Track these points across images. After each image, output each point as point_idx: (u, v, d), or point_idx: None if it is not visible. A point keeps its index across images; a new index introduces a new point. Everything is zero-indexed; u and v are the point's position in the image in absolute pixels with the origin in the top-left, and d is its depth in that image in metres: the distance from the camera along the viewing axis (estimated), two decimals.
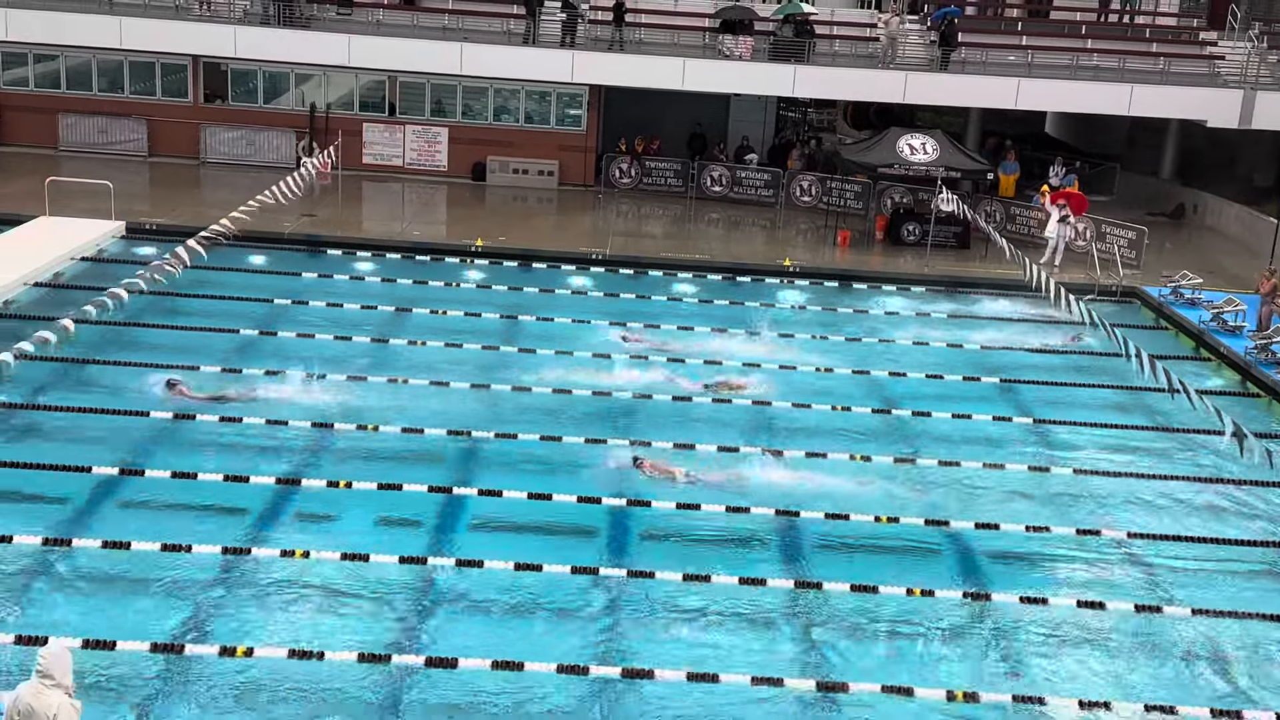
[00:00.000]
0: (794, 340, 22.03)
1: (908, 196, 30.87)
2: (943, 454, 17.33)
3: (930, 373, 20.61)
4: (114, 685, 11.03)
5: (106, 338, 19.09)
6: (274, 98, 33.37)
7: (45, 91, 32.65)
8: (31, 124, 32.22)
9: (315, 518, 14.38)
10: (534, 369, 19.53)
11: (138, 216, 25.93)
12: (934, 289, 26.13)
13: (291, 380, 18.08)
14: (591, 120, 33.37)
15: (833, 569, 13.93)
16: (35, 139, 32.04)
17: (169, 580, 12.76)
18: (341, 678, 11.34)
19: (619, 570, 13.53)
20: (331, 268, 24.37)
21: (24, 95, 32.54)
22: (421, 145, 33.20)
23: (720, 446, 16.92)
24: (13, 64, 32.60)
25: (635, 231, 29.65)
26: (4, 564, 12.77)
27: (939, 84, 32.32)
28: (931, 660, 12.48)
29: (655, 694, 11.47)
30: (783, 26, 33.44)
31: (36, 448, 15.40)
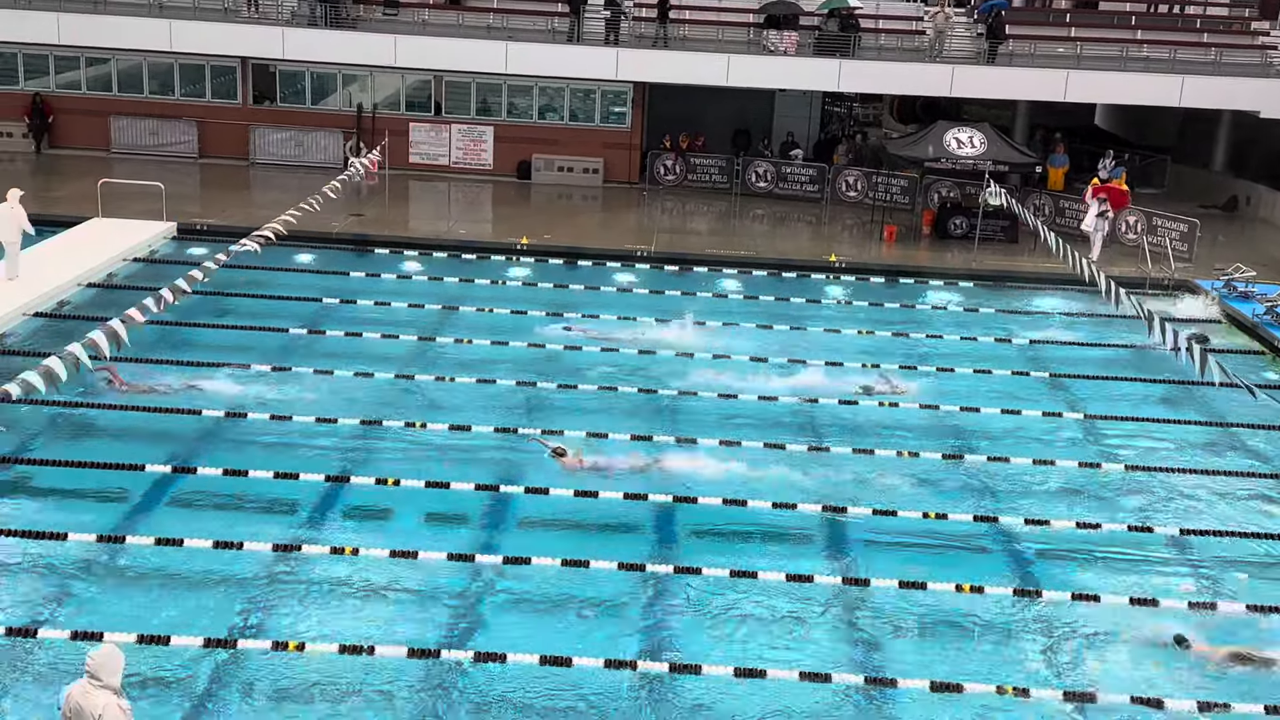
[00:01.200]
0: (840, 336, 21.94)
1: (955, 191, 30.64)
2: (992, 450, 17.19)
3: (978, 368, 20.44)
4: (168, 680, 11.18)
5: (159, 337, 19.33)
6: (321, 98, 33.67)
7: (97, 94, 33.13)
8: (84, 127, 32.71)
9: (364, 515, 14.50)
10: (579, 366, 19.57)
11: (189, 217, 26.25)
12: (982, 284, 25.92)
13: (341, 379, 18.25)
14: (636, 117, 33.39)
15: (881, 565, 13.86)
16: (88, 141, 32.52)
17: (221, 577, 12.92)
18: (392, 672, 11.44)
19: (665, 566, 13.54)
20: (379, 267, 24.55)
21: (76, 98, 33.04)
22: (467, 144, 33.37)
23: (766, 443, 16.88)
24: (65, 67, 33.10)
25: (680, 228, 29.64)
26: (59, 561, 12.97)
27: (986, 77, 32.04)
28: (981, 656, 12.38)
29: (702, 689, 11.48)
30: (827, 21, 33.27)
31: (91, 446, 15.62)
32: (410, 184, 32.13)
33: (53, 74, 33.08)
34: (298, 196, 21.57)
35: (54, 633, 11.58)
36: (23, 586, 12.51)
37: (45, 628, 11.69)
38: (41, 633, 11.59)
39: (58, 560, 12.97)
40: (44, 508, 14.05)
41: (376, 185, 29.64)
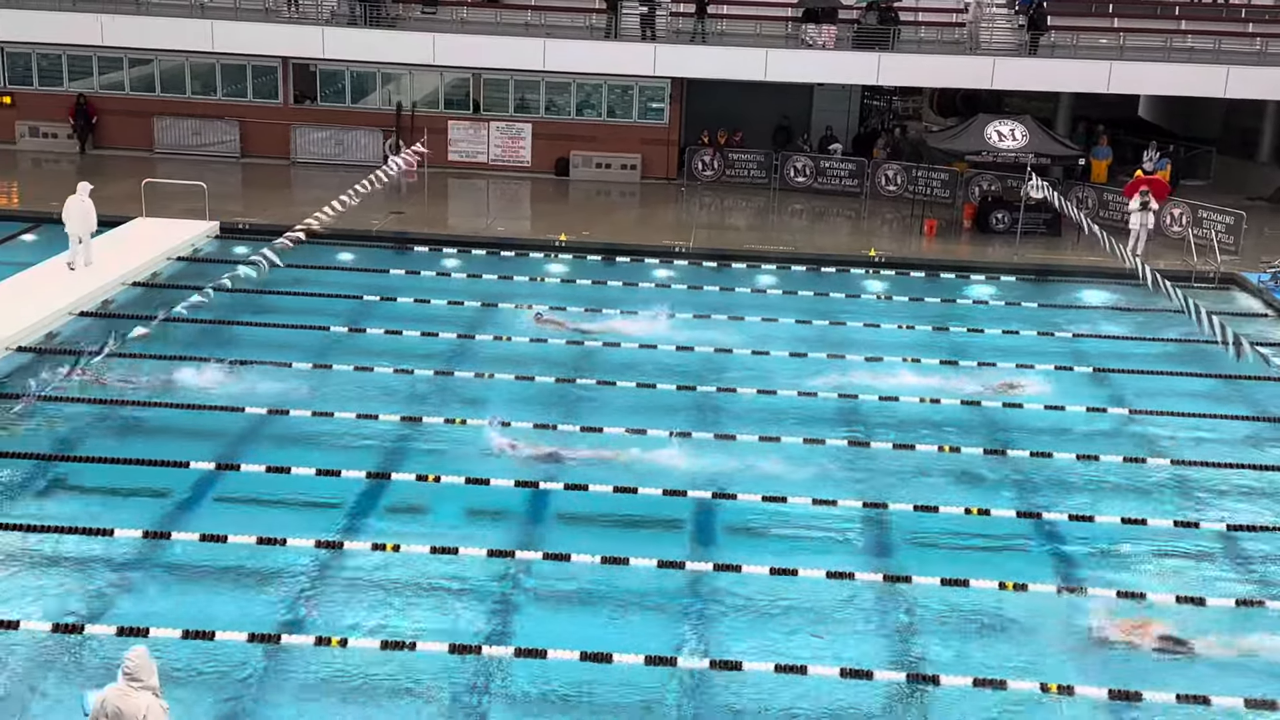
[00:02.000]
0: (880, 331, 21.82)
1: (996, 184, 30.38)
2: (1034, 445, 17.03)
3: (1021, 363, 20.26)
4: (212, 675, 11.29)
5: (202, 335, 19.52)
6: (361, 97, 33.85)
7: (140, 95, 33.47)
8: (127, 127, 33.06)
9: (405, 511, 14.57)
10: (618, 362, 19.58)
11: (231, 216, 26.48)
12: (1024, 278, 25.69)
13: (381, 375, 18.35)
14: (674, 113, 33.34)
15: (922, 562, 13.78)
16: (131, 142, 32.87)
17: (264, 572, 13.02)
18: (433, 667, 11.49)
19: (705, 564, 13.51)
20: (419, 264, 24.65)
21: (120, 99, 33.40)
22: (505, 142, 33.45)
23: (805, 439, 16.81)
24: (108, 69, 33.46)
25: (718, 224, 29.57)
26: (106, 556, 13.12)
27: (1028, 69, 31.74)
28: (1025, 654, 12.28)
29: (744, 686, 11.45)
30: (866, 14, 33.09)
31: (136, 443, 15.77)
32: (449, 182, 32.25)
33: (96, 75, 33.45)
34: (338, 195, 21.70)
35: (101, 628, 11.71)
36: (70, 582, 12.66)
37: (92, 623, 11.82)
38: (88, 628, 11.72)
39: (104, 556, 13.11)
40: (91, 504, 14.21)
41: (416, 183, 29.78)
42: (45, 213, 26.42)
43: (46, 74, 33.46)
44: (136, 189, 26.18)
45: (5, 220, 26.29)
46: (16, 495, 14.37)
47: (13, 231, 25.47)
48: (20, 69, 33.40)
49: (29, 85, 33.43)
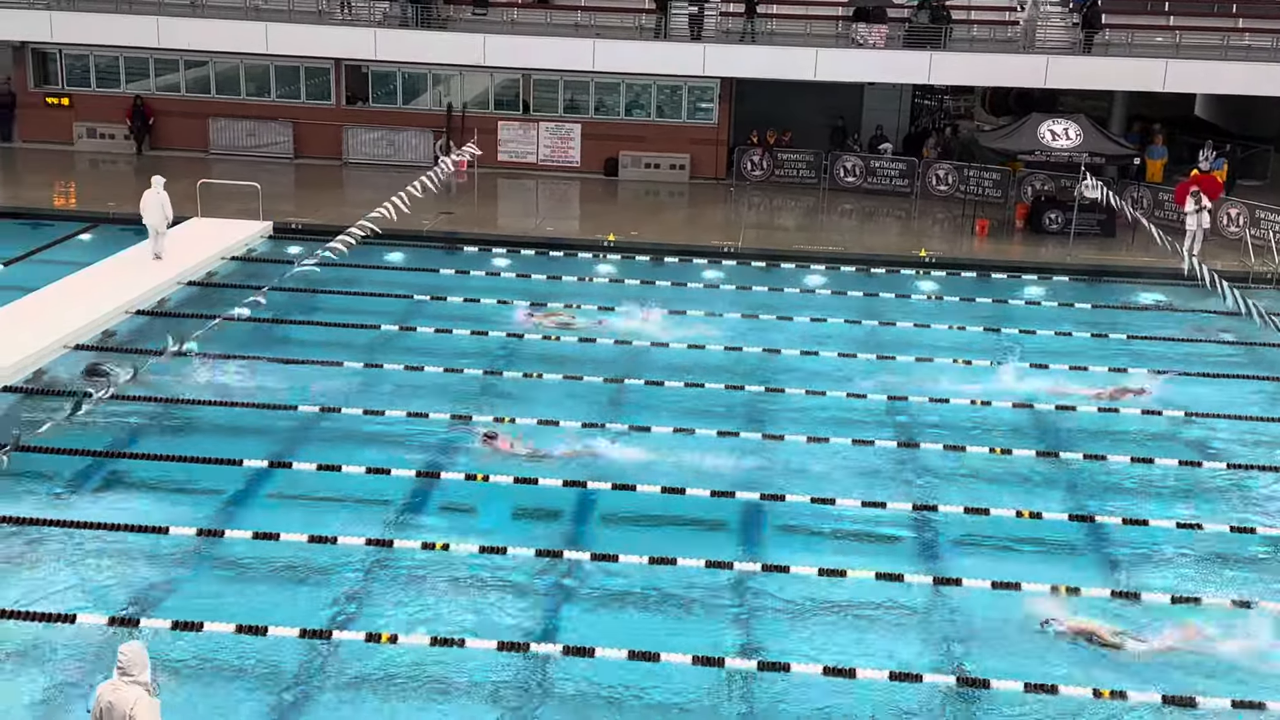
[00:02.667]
0: (930, 331, 21.68)
1: (1049, 184, 30.06)
2: (1087, 448, 16.85)
3: (1074, 365, 20.05)
4: (265, 670, 11.43)
5: (255, 334, 19.73)
6: (412, 98, 34.10)
7: (196, 97, 33.91)
8: (183, 128, 33.50)
9: (454, 509, 14.67)
10: (666, 363, 19.59)
11: (284, 216, 26.77)
12: (1077, 279, 25.41)
13: (431, 375, 18.48)
14: (723, 113, 33.30)
15: (973, 565, 13.67)
16: (187, 143, 33.30)
17: (316, 569, 13.16)
18: (482, 665, 11.56)
19: (753, 564, 13.49)
20: (468, 264, 24.79)
21: (176, 100, 33.85)
22: (555, 142, 33.55)
23: (854, 440, 16.75)
24: (165, 70, 33.93)
25: (767, 224, 29.50)
26: (161, 553, 13.31)
27: (1082, 67, 31.38)
28: (1077, 657, 12.15)
29: (790, 687, 11.43)
30: (918, 12, 32.85)
31: (190, 441, 15.98)
32: (499, 182, 32.39)
33: (153, 77, 33.93)
34: (389, 195, 21.90)
35: (156, 622, 11.88)
36: (126, 577, 12.85)
37: (147, 617, 11.99)
38: (144, 622, 11.89)
39: (159, 552, 13.30)
40: (146, 501, 14.42)
41: (466, 183, 29.95)
42: (102, 213, 26.93)
43: (104, 76, 33.98)
44: (192, 189, 26.52)
45: (64, 220, 26.71)
46: (75, 492, 14.60)
47: (71, 231, 25.88)
48: (78, 71, 33.95)
49: (87, 87, 33.98)
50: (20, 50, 33.49)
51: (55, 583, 12.64)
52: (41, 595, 12.35)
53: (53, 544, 13.31)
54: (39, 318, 19.42)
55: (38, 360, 17.95)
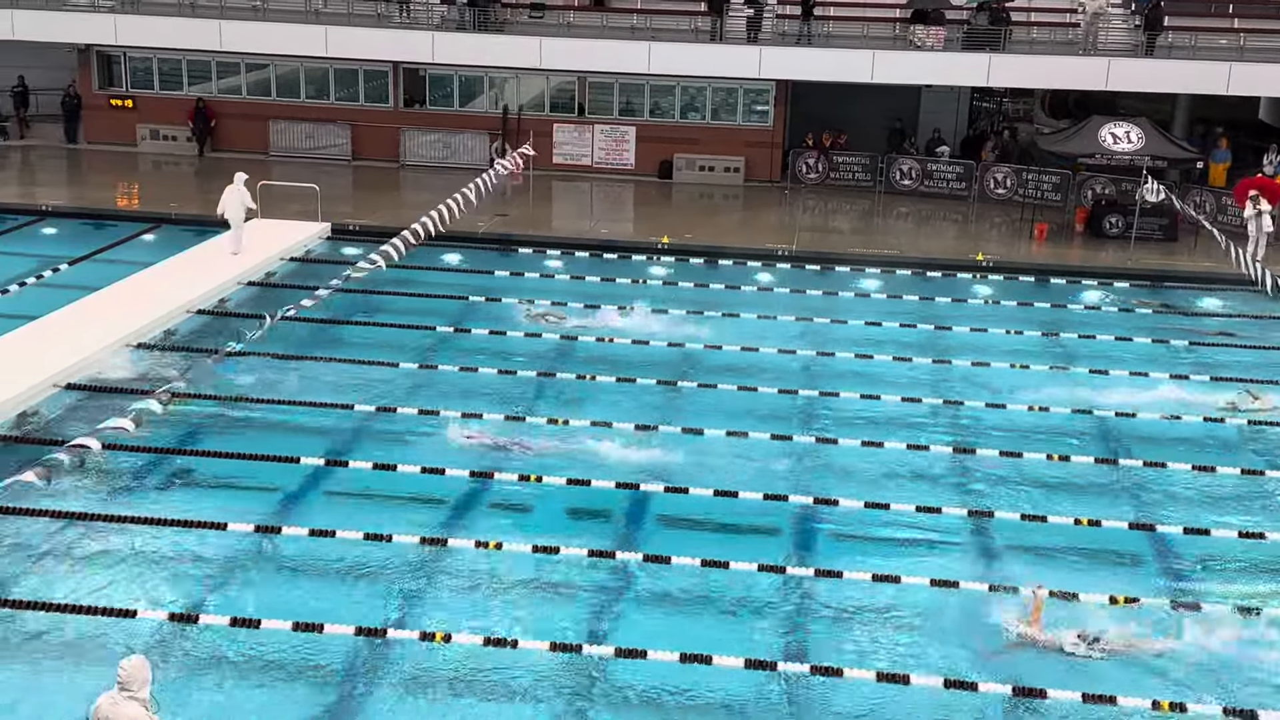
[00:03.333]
0: (986, 336, 21.48)
1: (1110, 187, 29.67)
2: (1148, 455, 16.60)
3: (1134, 370, 19.77)
4: (321, 668, 11.53)
5: (312, 335, 19.94)
6: (469, 101, 34.31)
7: (256, 99, 34.35)
8: (244, 130, 33.93)
9: (508, 509, 14.72)
10: (720, 365, 19.55)
11: (342, 218, 27.02)
12: (1138, 284, 25.06)
13: (485, 376, 18.57)
14: (778, 116, 33.19)
15: (1030, 572, 13.50)
16: (247, 144, 33.72)
17: (371, 567, 13.26)
18: (534, 665, 11.59)
19: (806, 570, 13.42)
20: (522, 266, 24.89)
21: (237, 103, 34.31)
22: (610, 144, 33.61)
23: (909, 444, 16.63)
24: (226, 73, 34.40)
25: (822, 227, 29.36)
26: (219, 549, 13.48)
27: (1144, 69, 30.92)
28: (1136, 669, 11.97)
29: (843, 692, 11.36)
30: (977, 14, 32.55)
31: (250, 439, 16.17)
32: (553, 184, 32.51)
33: (215, 79, 34.41)
34: (445, 197, 22.04)
35: (214, 618, 12.03)
36: (184, 574, 13.02)
37: (205, 614, 12.14)
38: (202, 618, 12.04)
39: (217, 549, 13.47)
40: (204, 498, 14.61)
41: (521, 185, 30.07)
42: (164, 214, 27.35)
43: (167, 78, 34.52)
44: (252, 191, 26.78)
45: (127, 220, 27.15)
46: (136, 488, 14.82)
47: (133, 231, 26.31)
48: (142, 74, 34.51)
49: (150, 89, 34.53)
50: (85, 53, 34.10)
51: (116, 577, 12.83)
52: (102, 590, 12.54)
53: (114, 539, 13.51)
54: (101, 316, 19.74)
55: (100, 358, 18.24)
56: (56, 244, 25.44)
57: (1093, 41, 31.51)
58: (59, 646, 11.66)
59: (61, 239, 25.85)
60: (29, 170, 32.39)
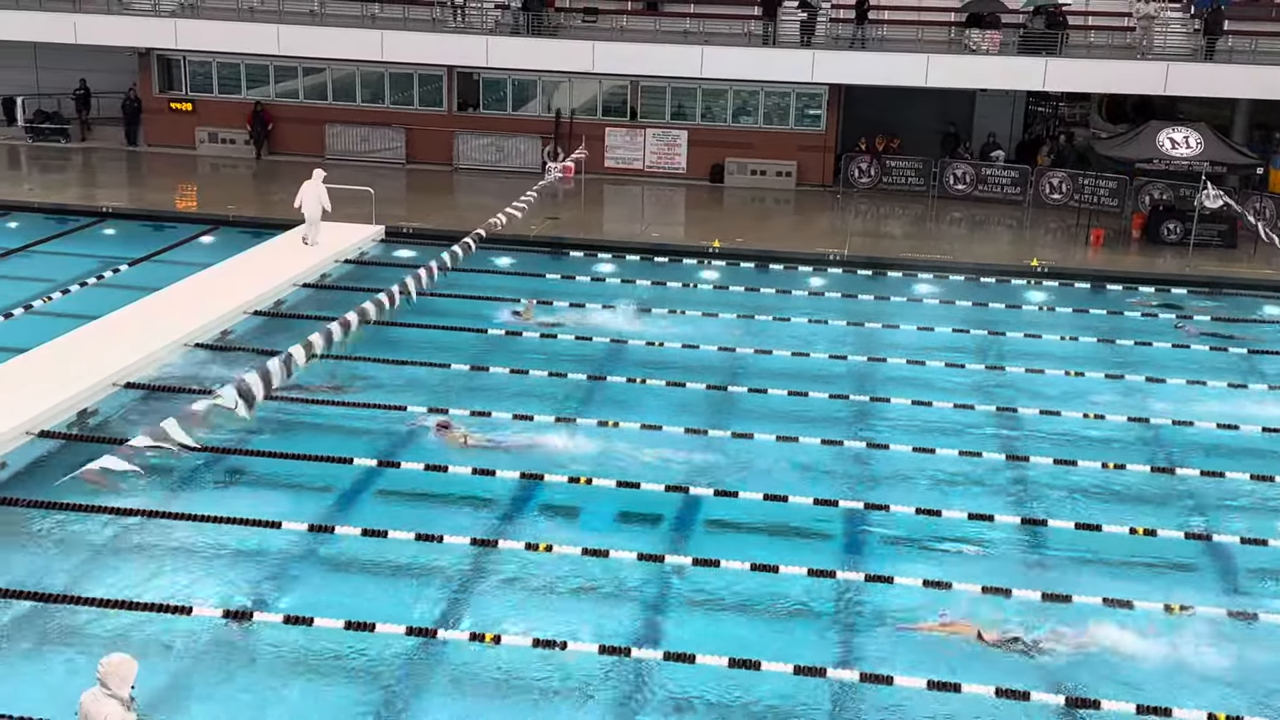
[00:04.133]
0: (1041, 342, 21.28)
1: (1168, 193, 29.29)
2: (1205, 464, 16.37)
3: (1192, 379, 19.51)
4: (372, 666, 11.64)
5: (366, 336, 20.08)
6: (521, 105, 34.51)
7: (313, 103, 34.76)
8: (300, 134, 34.34)
9: (558, 512, 14.78)
10: (771, 370, 19.51)
11: (396, 221, 27.25)
12: (1196, 290, 24.72)
13: (535, 379, 18.65)
14: (831, 120, 33.08)
15: (1084, 582, 13.37)
16: (304, 148, 34.11)
17: (422, 567, 13.36)
18: (583, 668, 11.63)
19: (856, 574, 13.37)
20: (574, 269, 24.98)
21: (294, 106, 34.73)
22: (661, 148, 33.66)
23: (961, 451, 16.49)
24: (284, 77, 34.84)
25: (874, 231, 29.22)
26: (273, 547, 13.64)
27: (1203, 74, 30.53)
28: (1192, 680, 11.81)
29: (893, 700, 11.31)
30: (1033, 18, 32.27)
31: (304, 439, 16.34)
32: (605, 187, 32.60)
33: (272, 83, 34.87)
34: (498, 201, 22.17)
35: (268, 616, 12.18)
36: (239, 572, 13.19)
37: (260, 610, 12.30)
38: (257, 616, 12.20)
39: (272, 547, 13.64)
40: (260, 497, 14.79)
41: (572, 189, 30.18)
42: (222, 216, 27.73)
43: (225, 82, 35.02)
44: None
45: (186, 222, 27.55)
46: (193, 486, 15.04)
47: (193, 233, 26.70)
48: (201, 77, 35.04)
49: (209, 93, 35.05)
50: (146, 57, 34.66)
51: (173, 574, 13.01)
52: (159, 586, 12.72)
53: (171, 536, 13.71)
54: (160, 317, 20.04)
55: (158, 358, 18.52)
56: (117, 245, 25.87)
57: (1150, 45, 31.12)
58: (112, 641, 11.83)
59: (122, 240, 26.29)
60: (90, 172, 32.97)
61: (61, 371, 17.30)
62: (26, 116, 35.47)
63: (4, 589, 12.38)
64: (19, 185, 30.51)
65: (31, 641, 11.76)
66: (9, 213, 27.68)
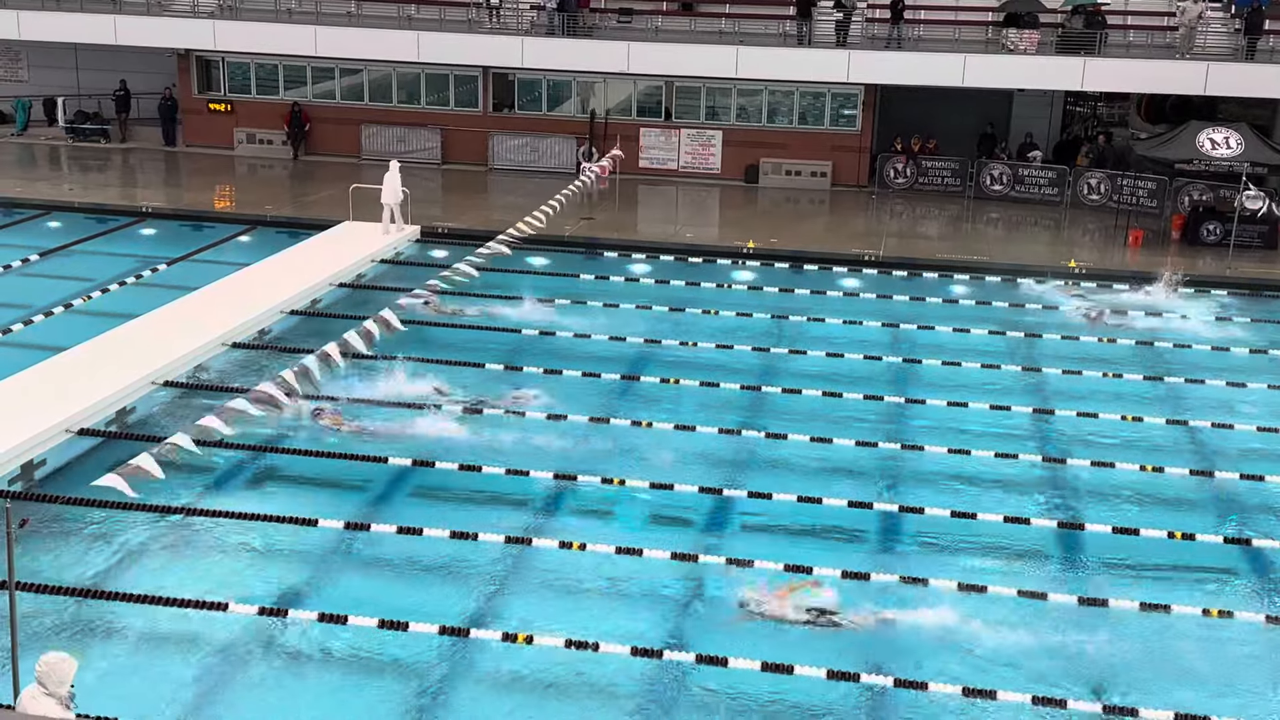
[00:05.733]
0: (1078, 345, 21.10)
1: (1208, 194, 28.98)
2: (1245, 468, 16.19)
3: (1232, 381, 19.29)
4: (407, 665, 11.69)
5: (398, 337, 20.16)
6: (556, 105, 34.58)
7: (350, 104, 34.97)
8: (337, 134, 34.56)
9: (591, 512, 14.79)
10: (804, 371, 19.45)
11: (431, 221, 27.36)
12: (1236, 292, 24.44)
13: (569, 379, 18.67)
14: (866, 120, 32.94)
15: (1122, 586, 13.25)
16: (340, 148, 34.33)
17: (456, 566, 13.40)
18: (615, 669, 11.62)
19: (890, 576, 13.30)
20: (608, 269, 24.99)
21: (331, 107, 34.95)
22: (695, 149, 33.63)
23: (997, 453, 16.39)
24: (321, 78, 35.07)
25: (909, 232, 29.07)
26: (309, 546, 13.72)
27: (1244, 74, 30.20)
28: (1230, 687, 11.68)
29: (923, 704, 11.24)
30: (1071, 18, 32.02)
31: (340, 439, 16.42)
32: (639, 188, 32.60)
33: (310, 84, 35.11)
34: (532, 201, 22.20)
35: (303, 614, 12.25)
36: (276, 569, 13.29)
37: (295, 609, 12.37)
38: (291, 613, 12.27)
39: (308, 545, 13.72)
40: (297, 495, 14.88)
41: (607, 189, 30.20)
42: (260, 216, 27.94)
43: (263, 83, 35.29)
44: (344, 194, 27.31)
45: (224, 222, 27.78)
46: (229, 485, 15.15)
47: (230, 233, 26.91)
48: (239, 79, 35.32)
49: (247, 94, 35.33)
50: (185, 58, 34.98)
51: (209, 572, 13.12)
52: (197, 583, 12.82)
53: (207, 534, 13.83)
54: (198, 316, 20.21)
55: (196, 357, 18.67)
56: (156, 244, 26.13)
57: (1191, 45, 30.80)
58: (149, 638, 11.95)
59: (160, 240, 26.55)
60: (130, 172, 33.31)
61: (100, 370, 17.47)
62: (67, 117, 35.89)
63: (41, 584, 12.50)
64: (59, 185, 30.87)
65: (65, 635, 11.88)
66: (50, 212, 28.00)
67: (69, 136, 35.72)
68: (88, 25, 33.88)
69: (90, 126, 35.82)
